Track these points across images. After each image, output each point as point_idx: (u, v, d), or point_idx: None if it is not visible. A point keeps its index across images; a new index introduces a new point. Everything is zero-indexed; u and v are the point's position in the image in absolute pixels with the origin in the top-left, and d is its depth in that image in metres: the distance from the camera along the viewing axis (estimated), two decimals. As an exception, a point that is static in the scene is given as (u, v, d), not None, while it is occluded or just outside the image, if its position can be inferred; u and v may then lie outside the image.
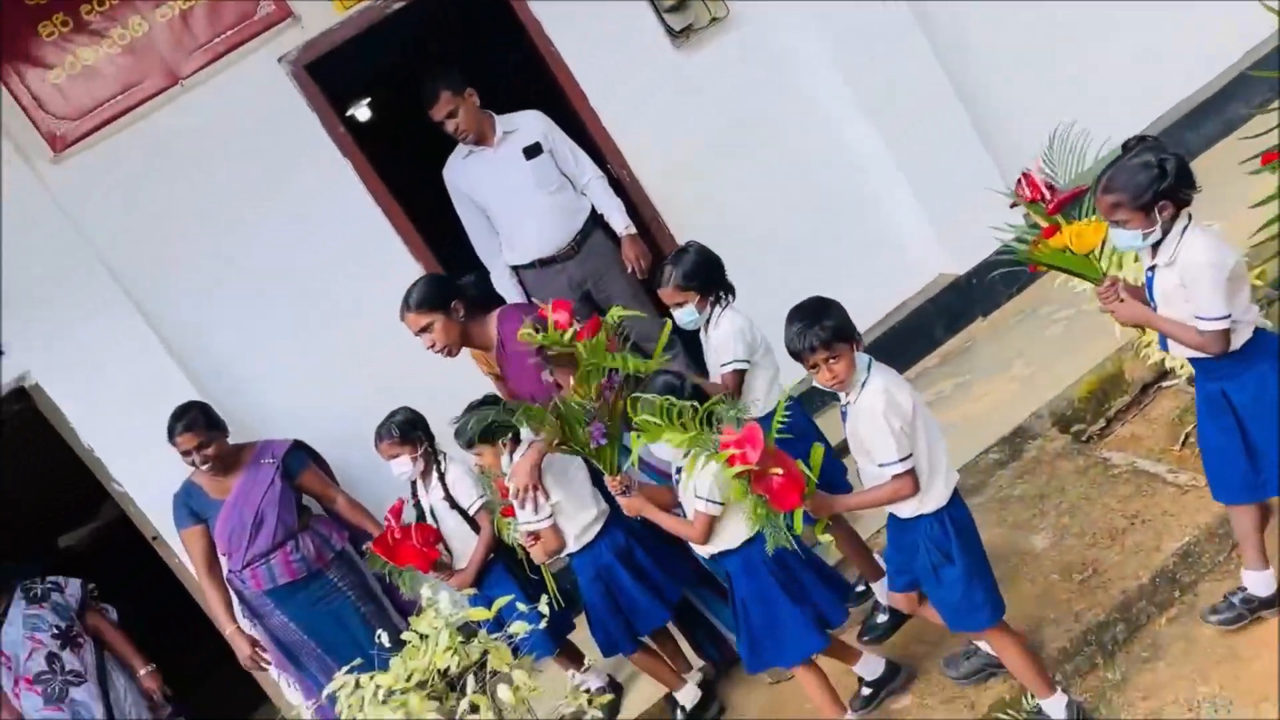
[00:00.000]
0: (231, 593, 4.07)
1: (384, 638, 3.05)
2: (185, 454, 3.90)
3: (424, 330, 3.52)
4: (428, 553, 3.62)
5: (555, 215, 4.54)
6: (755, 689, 3.64)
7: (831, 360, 2.73)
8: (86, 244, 4.29)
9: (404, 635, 2.92)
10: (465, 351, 3.69)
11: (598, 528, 3.49)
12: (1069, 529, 3.62)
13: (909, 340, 5.05)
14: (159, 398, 4.07)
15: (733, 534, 3.05)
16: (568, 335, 3.14)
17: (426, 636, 2.88)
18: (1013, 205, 2.91)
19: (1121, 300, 2.75)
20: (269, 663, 4.11)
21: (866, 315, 5.05)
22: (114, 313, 4.28)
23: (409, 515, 3.76)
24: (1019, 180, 2.89)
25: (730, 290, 3.45)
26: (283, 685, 4.25)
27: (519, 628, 2.94)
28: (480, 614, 2.99)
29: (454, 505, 3.74)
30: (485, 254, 4.70)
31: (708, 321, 3.43)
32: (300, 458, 4.12)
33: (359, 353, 4.50)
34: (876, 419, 2.72)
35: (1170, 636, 3.14)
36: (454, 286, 3.66)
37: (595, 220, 4.65)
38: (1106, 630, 3.19)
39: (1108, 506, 3.62)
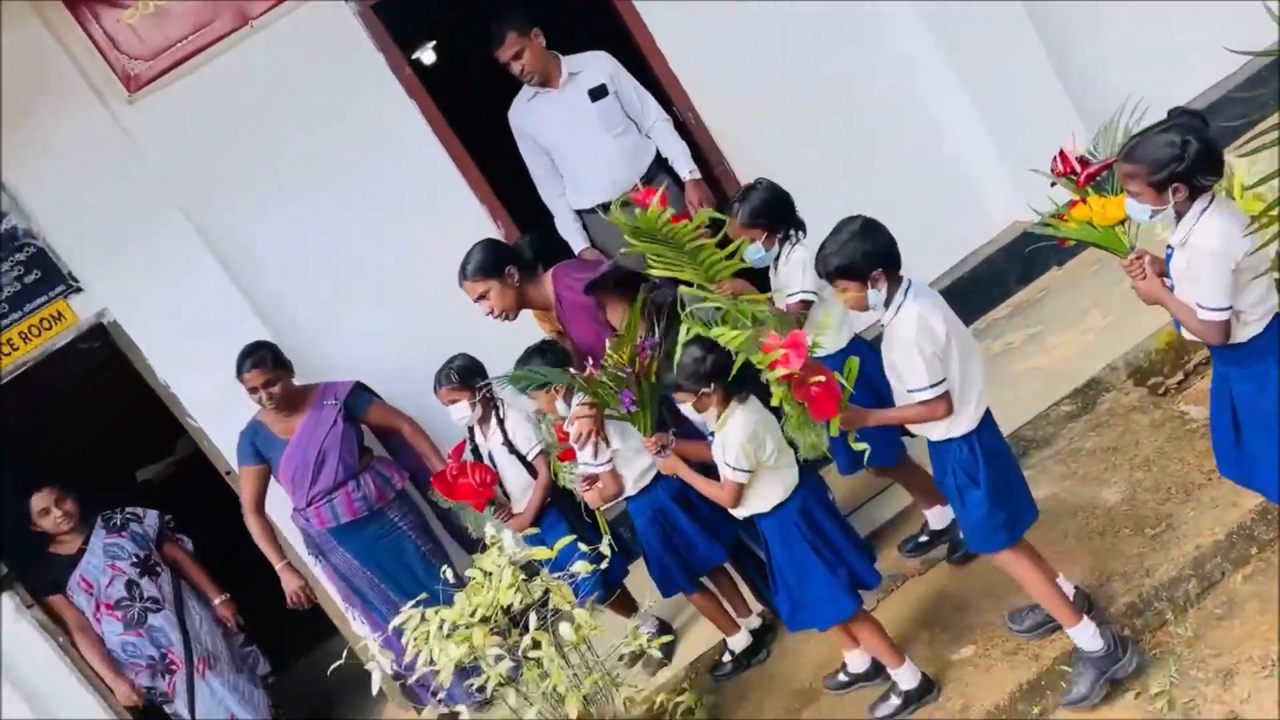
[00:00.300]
0: (298, 530, 4.20)
1: (448, 573, 3.11)
2: (252, 390, 3.99)
3: (481, 297, 3.58)
4: (483, 491, 3.67)
5: (620, 158, 4.49)
6: (812, 632, 3.63)
7: (841, 290, 2.81)
8: (161, 183, 4.35)
9: (468, 572, 2.98)
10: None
11: (654, 472, 3.49)
12: (1142, 483, 3.53)
13: (981, 289, 4.92)
14: (232, 336, 4.14)
15: (764, 498, 3.06)
16: (664, 215, 3.15)
17: (490, 574, 2.93)
18: (1052, 184, 2.86)
19: (1145, 276, 2.69)
20: (313, 600, 4.26)
21: (938, 262, 4.95)
22: (187, 252, 4.35)
23: (467, 459, 3.80)
24: (1054, 158, 2.84)
25: (800, 227, 3.40)
26: (350, 618, 4.36)
27: (581, 567, 2.98)
28: (543, 553, 3.03)
29: (513, 451, 3.78)
30: (549, 197, 4.67)
31: (777, 259, 3.39)
32: (362, 398, 4.18)
33: (423, 297, 4.51)
34: (908, 344, 2.75)
35: (1246, 594, 3.06)
36: (508, 252, 3.70)
37: (660, 164, 4.58)
38: (1178, 586, 3.12)
39: (1184, 461, 3.52)
